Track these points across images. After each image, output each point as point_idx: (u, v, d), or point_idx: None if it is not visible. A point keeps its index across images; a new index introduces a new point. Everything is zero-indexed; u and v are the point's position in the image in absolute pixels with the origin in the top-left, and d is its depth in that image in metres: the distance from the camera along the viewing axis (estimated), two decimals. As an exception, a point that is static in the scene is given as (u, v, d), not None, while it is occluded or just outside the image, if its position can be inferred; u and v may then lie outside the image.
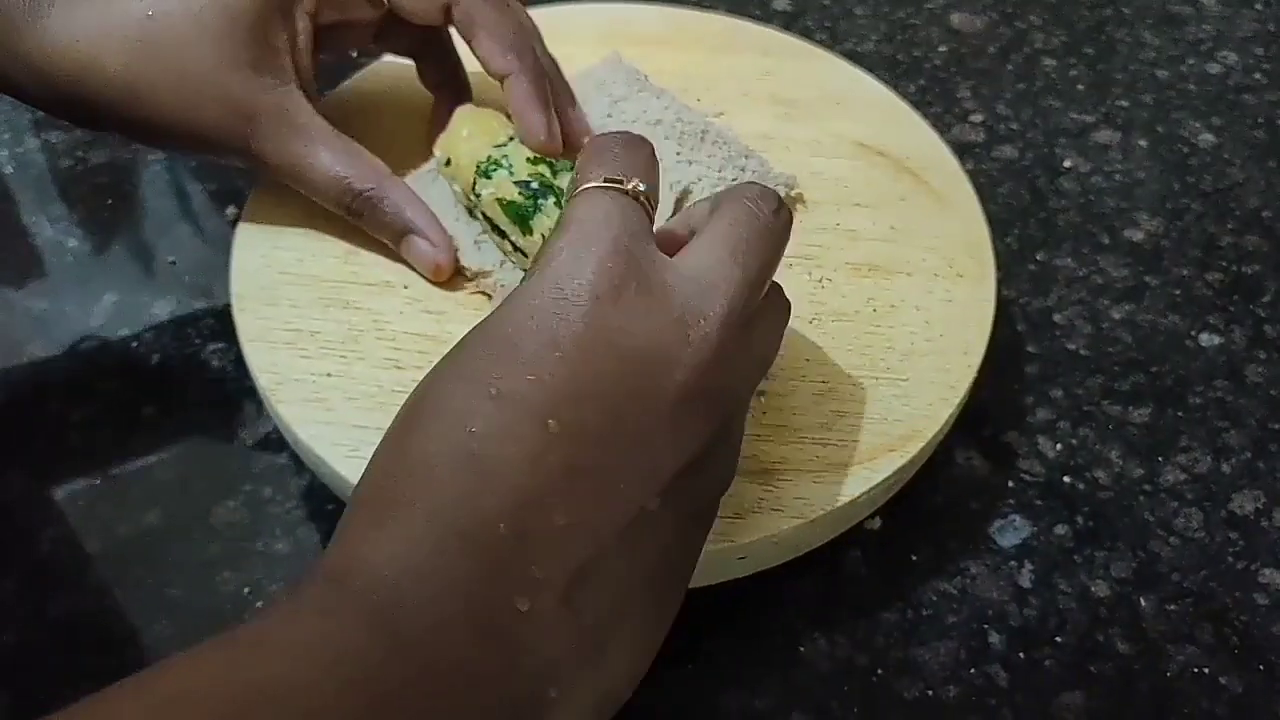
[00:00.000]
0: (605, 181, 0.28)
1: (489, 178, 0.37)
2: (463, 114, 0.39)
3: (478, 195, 0.37)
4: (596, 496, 0.25)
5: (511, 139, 0.38)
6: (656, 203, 0.30)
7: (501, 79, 0.38)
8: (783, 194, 0.40)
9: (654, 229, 0.29)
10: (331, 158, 0.37)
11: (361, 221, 0.38)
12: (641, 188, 0.29)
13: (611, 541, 0.25)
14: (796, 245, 0.39)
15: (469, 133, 0.38)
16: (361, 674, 0.22)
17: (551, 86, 0.40)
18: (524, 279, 0.28)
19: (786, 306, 0.32)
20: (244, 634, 0.22)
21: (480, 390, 0.25)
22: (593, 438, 0.25)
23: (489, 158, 0.37)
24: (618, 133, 0.31)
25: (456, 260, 0.38)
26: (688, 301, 0.27)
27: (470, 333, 0.27)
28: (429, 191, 0.39)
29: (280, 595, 0.24)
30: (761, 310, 0.30)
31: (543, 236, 0.35)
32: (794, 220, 0.31)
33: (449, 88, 0.42)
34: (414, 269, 0.39)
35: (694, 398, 0.26)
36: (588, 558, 0.25)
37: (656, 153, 0.31)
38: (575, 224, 0.28)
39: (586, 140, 0.34)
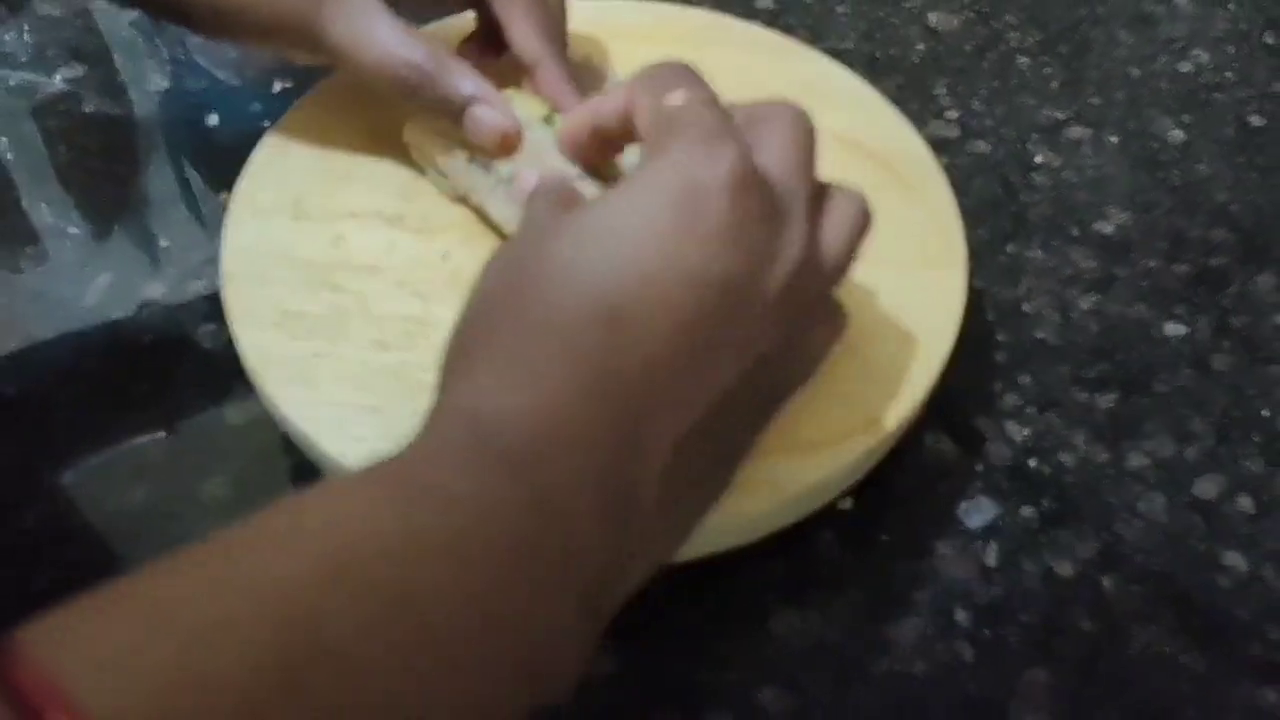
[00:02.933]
0: (695, 98, 0.30)
1: (552, 124, 0.38)
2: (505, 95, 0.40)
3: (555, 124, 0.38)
4: (702, 373, 0.27)
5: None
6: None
7: (534, 64, 0.39)
8: None
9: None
10: (394, 34, 0.38)
11: (421, 97, 0.38)
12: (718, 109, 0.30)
13: (701, 418, 0.27)
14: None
15: (518, 102, 0.39)
16: (505, 529, 0.23)
17: None
18: (643, 165, 0.29)
19: (855, 204, 0.32)
20: (410, 475, 0.24)
21: (625, 263, 0.27)
22: (711, 319, 0.27)
23: (550, 113, 0.39)
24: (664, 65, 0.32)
25: (520, 131, 0.38)
26: (781, 205, 0.29)
27: (600, 205, 0.28)
28: None
29: (426, 433, 0.25)
30: (828, 208, 0.31)
31: None
32: None
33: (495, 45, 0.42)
34: (472, 146, 0.39)
35: (783, 293, 0.28)
36: (682, 432, 0.27)
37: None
38: (696, 127, 0.29)
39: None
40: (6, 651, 0.18)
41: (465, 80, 0.38)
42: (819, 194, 0.31)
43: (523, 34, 0.39)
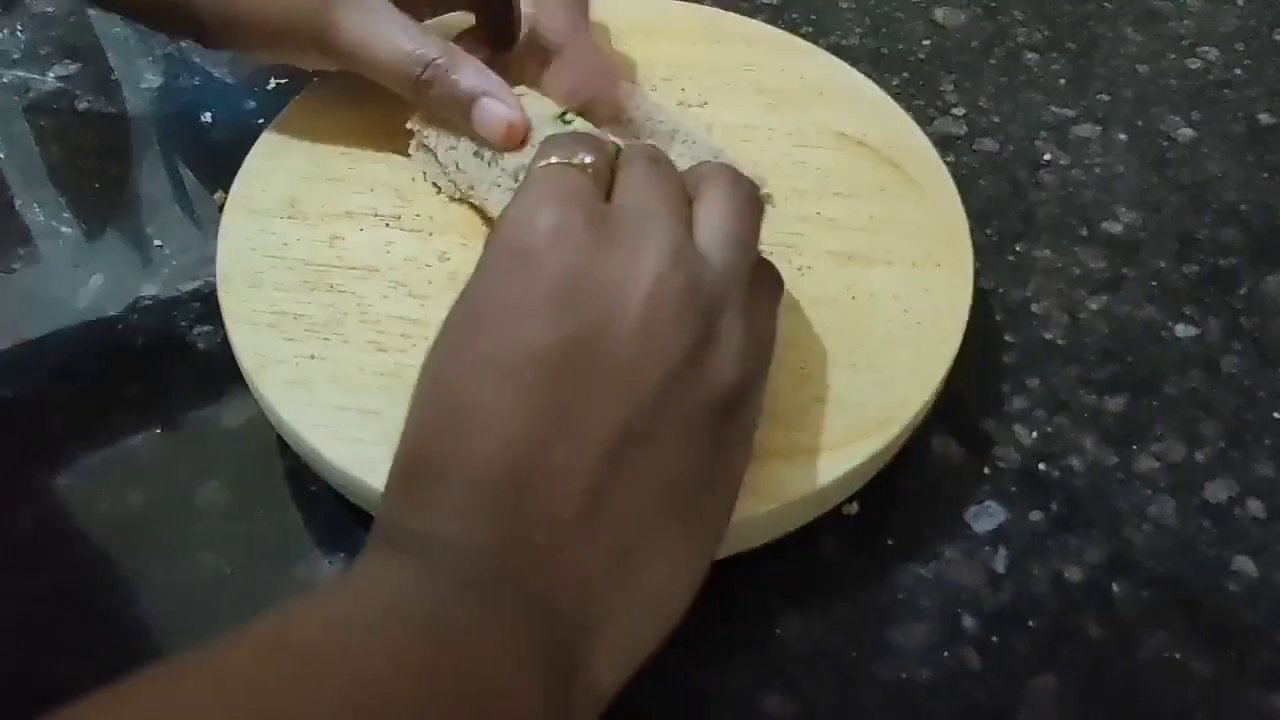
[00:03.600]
0: (555, 160, 0.30)
1: (569, 122, 0.38)
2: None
3: (568, 121, 0.38)
4: (581, 428, 0.26)
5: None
6: (606, 170, 0.31)
7: (559, 47, 0.39)
8: None
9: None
10: (402, 32, 0.38)
11: (429, 94, 0.38)
12: (588, 159, 0.30)
13: (608, 466, 0.26)
14: (777, 233, 0.40)
15: (529, 101, 0.39)
16: (417, 623, 0.24)
17: None
18: (489, 238, 0.30)
19: (726, 178, 0.31)
20: (336, 584, 0.26)
21: (456, 362, 0.27)
22: (564, 381, 0.26)
23: (564, 111, 0.38)
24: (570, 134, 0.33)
25: (528, 124, 0.38)
26: (630, 228, 0.28)
27: (452, 309, 0.29)
28: None
29: (347, 570, 0.28)
30: (705, 197, 0.31)
31: None
32: (772, 208, 0.32)
33: (502, 42, 0.42)
34: (480, 141, 0.39)
35: (657, 312, 0.27)
36: (588, 485, 0.26)
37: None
38: (527, 190, 0.30)
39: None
40: None
41: (475, 75, 0.38)
42: (682, 199, 0.30)
43: (551, 17, 0.40)
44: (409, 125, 0.41)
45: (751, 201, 0.31)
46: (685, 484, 0.28)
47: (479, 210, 0.40)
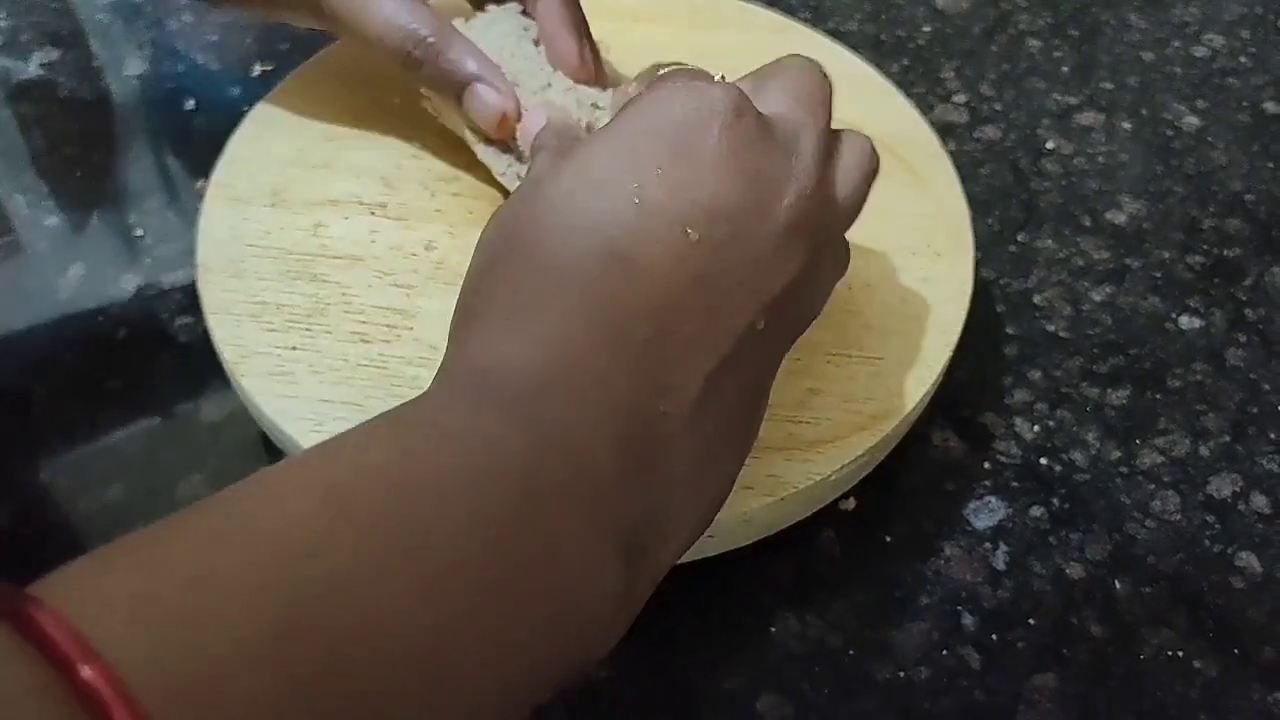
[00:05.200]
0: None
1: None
2: None
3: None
4: (721, 306, 0.26)
5: None
6: None
7: (552, 35, 0.38)
8: None
9: None
10: (396, 6, 0.37)
11: (421, 73, 0.37)
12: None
13: (729, 353, 0.26)
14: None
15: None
16: (514, 470, 0.22)
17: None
18: (627, 110, 0.28)
19: (863, 144, 0.32)
20: (411, 417, 0.23)
21: (622, 198, 0.26)
22: (721, 250, 0.26)
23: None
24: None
25: (519, 112, 0.37)
26: (786, 136, 0.29)
27: (590, 146, 0.27)
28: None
29: (432, 387, 0.25)
30: (839, 150, 0.31)
31: None
32: None
33: None
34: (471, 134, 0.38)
35: (798, 223, 0.28)
36: (712, 368, 0.26)
37: None
38: (682, 76, 0.29)
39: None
40: (28, 604, 0.18)
41: (468, 58, 0.37)
42: (832, 135, 0.31)
43: (547, 8, 0.39)
44: (424, 104, 0.40)
45: (875, 168, 0.32)
46: (756, 389, 0.29)
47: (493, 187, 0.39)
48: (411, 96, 0.42)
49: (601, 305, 0.25)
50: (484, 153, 0.39)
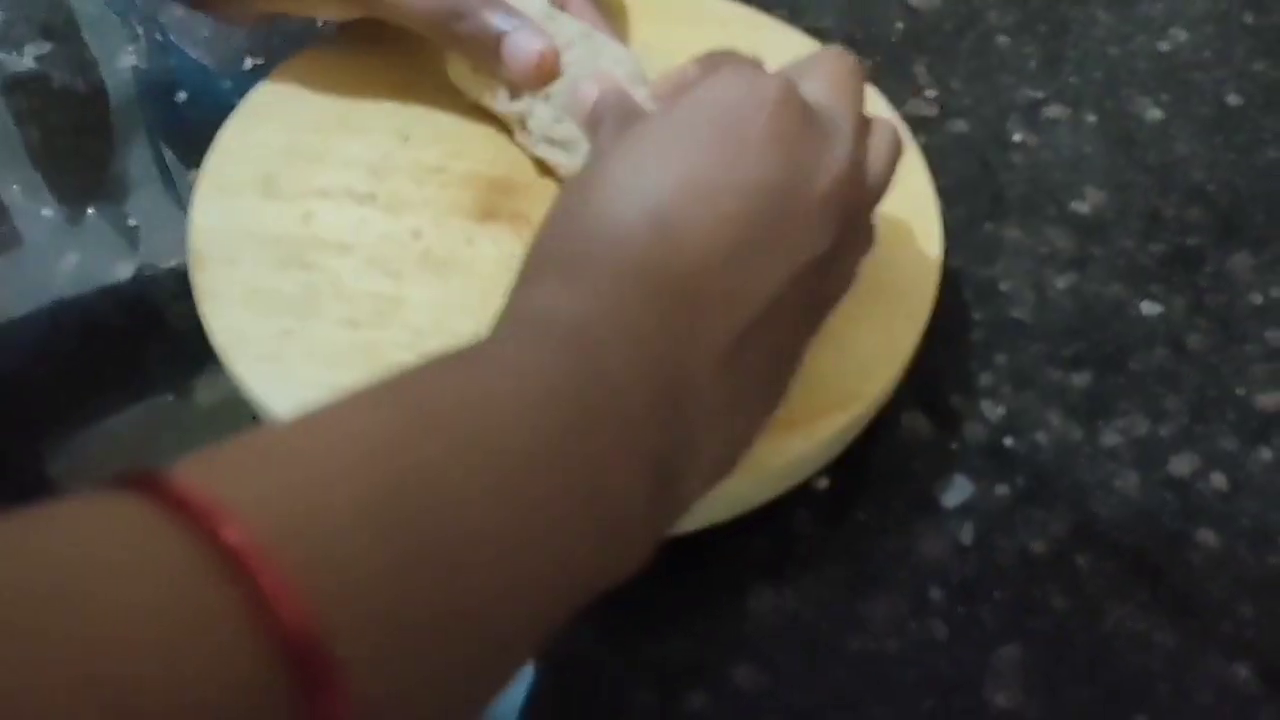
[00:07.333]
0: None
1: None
2: None
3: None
4: (752, 275, 0.29)
5: None
6: None
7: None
8: None
9: None
10: None
11: (460, 33, 0.39)
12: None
13: (756, 317, 0.29)
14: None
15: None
16: (564, 396, 0.25)
17: None
18: (689, 89, 0.31)
19: (892, 130, 0.35)
20: (476, 353, 0.26)
21: (672, 173, 0.29)
22: (757, 224, 0.29)
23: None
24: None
25: (557, 57, 0.39)
26: (825, 124, 0.31)
27: (649, 124, 0.30)
28: None
29: (494, 330, 0.28)
30: (870, 136, 0.34)
31: None
32: None
33: None
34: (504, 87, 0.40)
35: (830, 200, 0.30)
36: (739, 329, 0.29)
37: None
38: (736, 61, 0.33)
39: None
40: (167, 479, 0.19)
41: (499, 13, 0.39)
42: (863, 121, 0.33)
43: None
44: (451, 78, 0.41)
45: (900, 152, 0.35)
46: (786, 352, 0.32)
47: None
48: (400, 87, 0.43)
49: (646, 268, 0.28)
50: (512, 108, 0.40)
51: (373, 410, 0.23)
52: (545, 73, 0.39)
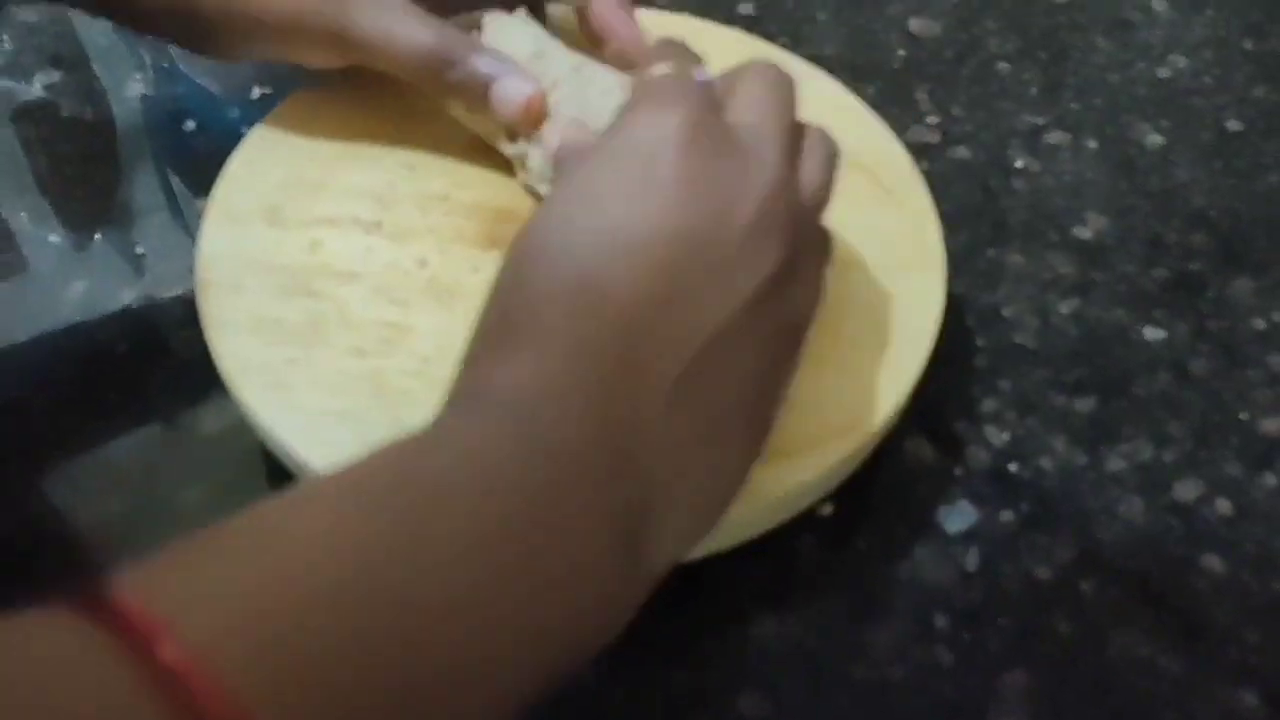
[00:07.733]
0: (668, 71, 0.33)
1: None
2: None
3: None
4: (688, 317, 0.28)
5: None
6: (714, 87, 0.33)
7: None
8: None
9: None
10: (420, 25, 0.39)
11: (447, 82, 0.39)
12: (699, 74, 0.33)
13: (703, 357, 0.28)
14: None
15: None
16: (511, 472, 0.25)
17: None
18: (605, 134, 0.31)
19: (824, 136, 0.34)
20: (420, 435, 0.26)
21: (591, 229, 0.29)
22: (682, 267, 0.28)
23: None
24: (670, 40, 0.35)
25: (545, 100, 0.39)
26: (747, 142, 0.31)
27: (566, 182, 0.30)
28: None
29: (444, 406, 0.28)
30: (804, 149, 0.33)
31: None
32: None
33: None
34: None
35: (763, 224, 0.30)
36: (685, 371, 0.28)
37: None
38: (653, 90, 0.31)
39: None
40: (107, 590, 0.20)
41: (485, 59, 0.39)
42: (795, 133, 0.33)
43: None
44: (452, 113, 0.42)
45: (836, 153, 0.34)
46: (753, 388, 0.30)
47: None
48: (406, 117, 0.43)
49: (578, 333, 0.27)
50: (511, 150, 0.41)
51: (318, 504, 0.23)
52: (534, 116, 0.39)
